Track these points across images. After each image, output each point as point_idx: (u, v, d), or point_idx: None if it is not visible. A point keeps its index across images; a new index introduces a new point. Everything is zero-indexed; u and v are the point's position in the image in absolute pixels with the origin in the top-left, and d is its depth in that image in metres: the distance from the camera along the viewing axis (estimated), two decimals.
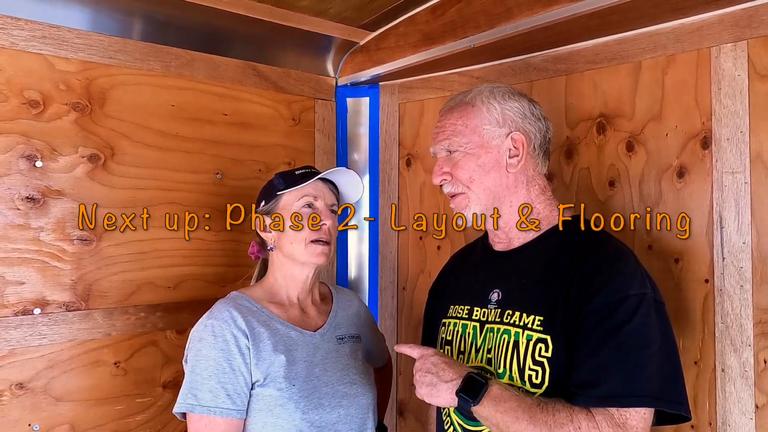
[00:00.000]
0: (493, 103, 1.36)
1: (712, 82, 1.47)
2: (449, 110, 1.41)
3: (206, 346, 1.36)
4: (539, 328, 1.24)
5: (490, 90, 1.39)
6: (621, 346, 1.16)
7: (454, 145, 1.36)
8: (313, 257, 1.48)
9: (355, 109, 2.23)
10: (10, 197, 1.51)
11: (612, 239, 1.34)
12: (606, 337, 1.17)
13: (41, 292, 1.55)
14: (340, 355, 1.51)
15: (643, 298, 1.19)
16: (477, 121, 1.36)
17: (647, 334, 1.17)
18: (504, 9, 1.62)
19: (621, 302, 1.18)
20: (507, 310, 1.32)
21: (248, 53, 1.95)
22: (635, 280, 1.21)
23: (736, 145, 1.43)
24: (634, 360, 1.15)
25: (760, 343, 1.39)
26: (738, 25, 1.43)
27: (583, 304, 1.20)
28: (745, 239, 1.42)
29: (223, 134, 1.89)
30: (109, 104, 1.67)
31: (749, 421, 1.40)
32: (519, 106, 1.37)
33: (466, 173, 1.35)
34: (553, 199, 1.40)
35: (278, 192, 1.51)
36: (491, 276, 1.41)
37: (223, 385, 1.34)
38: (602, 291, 1.19)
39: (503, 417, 1.16)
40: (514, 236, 1.39)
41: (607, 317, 1.17)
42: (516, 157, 1.35)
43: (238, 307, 1.43)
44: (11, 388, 1.50)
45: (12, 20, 1.51)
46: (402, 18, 1.92)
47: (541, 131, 1.38)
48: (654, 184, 1.57)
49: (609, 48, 1.64)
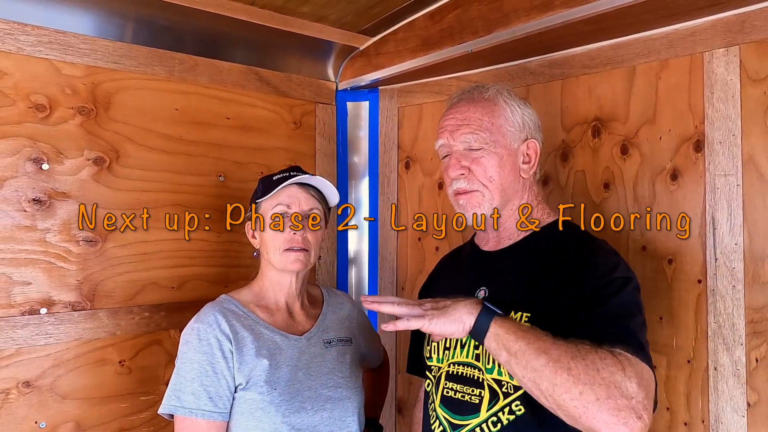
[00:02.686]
0: (515, 106, 1.37)
1: (704, 86, 1.49)
2: (470, 103, 1.37)
3: (191, 349, 1.38)
4: (527, 323, 1.21)
5: (508, 91, 1.39)
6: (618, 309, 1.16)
7: (480, 142, 1.33)
8: (288, 264, 1.48)
9: (355, 113, 2.25)
10: (17, 199, 1.53)
11: (596, 240, 1.35)
12: (601, 306, 1.16)
13: (47, 292, 1.57)
14: (326, 359, 1.51)
15: (629, 281, 1.21)
16: (502, 120, 1.35)
17: (636, 306, 1.19)
18: (501, 15, 1.64)
19: (609, 282, 1.19)
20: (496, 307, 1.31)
21: (250, 58, 1.97)
22: (620, 267, 1.23)
23: (729, 148, 1.45)
24: (632, 320, 1.16)
25: (752, 342, 1.41)
26: (730, 31, 1.45)
27: (575, 292, 1.19)
28: (737, 240, 1.44)
29: (226, 137, 1.92)
30: (114, 108, 1.69)
31: (741, 419, 1.42)
32: (532, 113, 1.40)
33: (487, 172, 1.34)
34: (545, 203, 1.43)
35: (257, 200, 1.53)
36: (478, 275, 1.40)
37: (206, 388, 1.35)
38: (591, 277, 1.21)
39: (525, 335, 1.09)
40: (505, 237, 1.40)
41: (599, 293, 1.18)
42: (528, 164, 1.37)
43: (223, 311, 1.44)
44: (18, 387, 1.52)
45: (19, 26, 1.53)
46: (401, 24, 1.94)
47: (541, 140, 1.41)
48: (648, 186, 1.59)
49: (604, 53, 1.66)
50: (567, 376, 1.03)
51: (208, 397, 1.35)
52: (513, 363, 1.08)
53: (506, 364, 1.10)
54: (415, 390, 2.09)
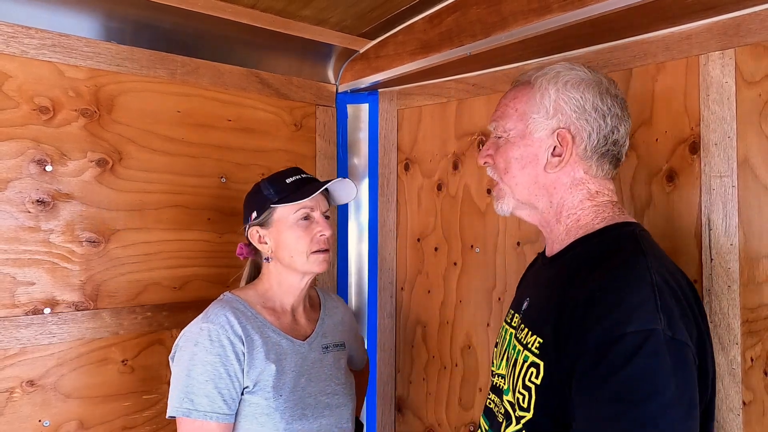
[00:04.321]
0: (549, 89, 1.17)
1: (700, 88, 1.50)
2: (513, 88, 1.26)
3: (202, 350, 1.36)
4: (536, 351, 1.07)
5: (557, 72, 1.19)
6: (615, 397, 0.90)
7: (500, 129, 1.23)
8: (315, 266, 1.49)
9: (355, 115, 2.26)
10: (21, 200, 1.55)
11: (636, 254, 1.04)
12: (596, 388, 0.92)
13: (51, 292, 1.59)
14: (324, 365, 1.52)
15: (649, 336, 0.90)
16: (527, 107, 1.19)
17: (652, 381, 0.89)
18: (499, 18, 1.65)
19: (616, 342, 0.91)
20: (522, 324, 1.18)
21: (251, 61, 1.98)
22: (640, 312, 0.93)
23: (724, 150, 1.46)
24: (632, 416, 0.88)
25: (747, 341, 1.41)
26: (725, 34, 1.45)
27: (575, 342, 0.97)
28: (732, 241, 1.44)
29: (227, 139, 1.93)
30: (116, 110, 1.70)
31: (736, 418, 1.43)
32: (580, 97, 1.16)
33: (503, 162, 1.21)
34: (605, 206, 1.19)
35: (272, 204, 1.49)
36: (531, 283, 1.32)
37: (220, 391, 1.35)
38: (596, 326, 0.94)
39: None
40: (556, 242, 1.21)
41: (598, 362, 0.92)
42: (558, 157, 1.17)
43: (234, 311, 1.43)
44: (22, 385, 1.54)
45: (23, 29, 1.55)
46: (400, 27, 1.95)
47: (602, 130, 1.16)
48: (644, 187, 1.60)
49: (601, 56, 1.67)
50: None
51: (223, 399, 1.35)
52: None
53: None
54: (414, 390, 2.11)
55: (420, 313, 2.13)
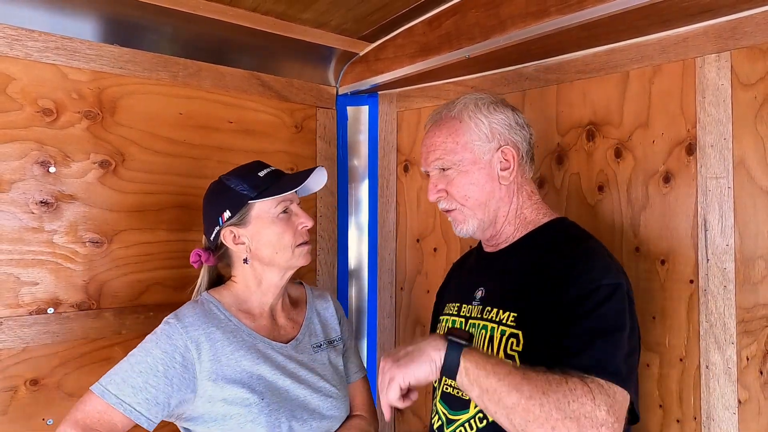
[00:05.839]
0: (480, 117, 1.37)
1: (696, 91, 1.51)
2: (437, 126, 1.41)
3: (153, 342, 1.33)
4: (512, 324, 1.25)
5: (475, 103, 1.39)
6: (598, 324, 1.15)
7: (447, 164, 1.37)
8: (300, 260, 1.44)
9: (355, 117, 2.28)
10: (24, 201, 1.56)
11: (591, 238, 1.34)
12: (582, 318, 1.16)
13: (54, 292, 1.60)
14: (316, 365, 1.47)
15: (617, 288, 1.19)
16: (467, 137, 1.36)
17: (621, 318, 1.17)
18: (498, 21, 1.66)
19: (595, 290, 1.17)
20: (487, 307, 1.34)
21: (253, 64, 1.99)
22: (609, 272, 1.22)
23: (720, 152, 1.48)
24: (610, 339, 1.14)
25: (743, 341, 1.43)
26: (721, 37, 1.47)
27: (559, 297, 1.20)
28: (728, 241, 1.46)
29: (229, 141, 1.94)
30: (119, 112, 1.72)
31: (732, 416, 1.45)
32: (504, 117, 1.38)
33: (461, 191, 1.37)
34: (540, 203, 1.43)
35: (250, 200, 1.41)
36: (479, 275, 1.45)
37: (147, 387, 1.28)
38: (577, 282, 1.20)
39: (495, 369, 1.07)
40: (503, 239, 1.42)
41: (582, 303, 1.17)
42: (507, 170, 1.37)
43: (205, 313, 1.38)
44: (26, 384, 1.55)
45: (27, 32, 1.56)
46: (400, 30, 1.96)
47: (525, 139, 1.41)
48: (641, 188, 1.61)
49: (598, 58, 1.69)
50: (539, 412, 1.04)
51: (145, 397, 1.28)
52: (485, 399, 1.08)
53: (478, 399, 1.09)
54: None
55: (419, 313, 2.14)
